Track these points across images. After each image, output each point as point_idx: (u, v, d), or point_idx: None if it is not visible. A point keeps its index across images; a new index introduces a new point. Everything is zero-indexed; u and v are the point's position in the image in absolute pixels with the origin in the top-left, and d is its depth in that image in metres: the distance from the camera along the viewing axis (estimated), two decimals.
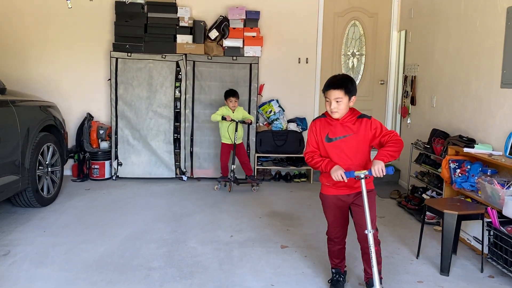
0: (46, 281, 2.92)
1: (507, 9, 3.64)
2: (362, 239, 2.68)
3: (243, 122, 5.21)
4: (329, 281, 2.93)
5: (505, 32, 3.66)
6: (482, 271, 3.24)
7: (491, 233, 3.19)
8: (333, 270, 2.94)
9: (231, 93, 5.22)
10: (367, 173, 2.50)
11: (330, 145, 2.64)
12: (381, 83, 6.31)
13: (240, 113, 5.30)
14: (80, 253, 3.38)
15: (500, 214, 3.17)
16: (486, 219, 3.25)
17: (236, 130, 5.20)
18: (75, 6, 5.71)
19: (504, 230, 3.08)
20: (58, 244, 3.54)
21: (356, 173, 2.51)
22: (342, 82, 2.58)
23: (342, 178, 2.50)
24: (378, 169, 2.44)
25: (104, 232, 3.84)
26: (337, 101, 2.56)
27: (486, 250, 3.29)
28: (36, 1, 5.75)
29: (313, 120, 2.77)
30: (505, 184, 3.26)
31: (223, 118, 5.12)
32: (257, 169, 5.88)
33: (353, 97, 2.60)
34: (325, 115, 2.70)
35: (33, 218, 4.12)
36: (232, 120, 5.16)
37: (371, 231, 2.49)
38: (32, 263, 3.18)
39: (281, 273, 3.14)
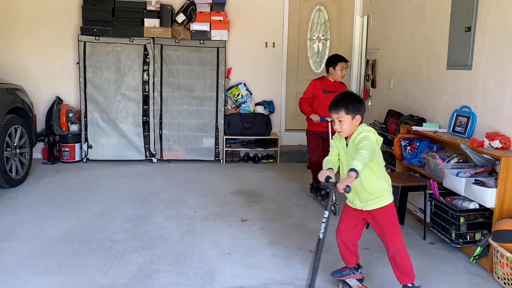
0: (11, 254, 3.06)
1: None
2: None
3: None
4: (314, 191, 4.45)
5: (450, 17, 3.89)
6: (424, 239, 3.51)
7: (433, 203, 3.45)
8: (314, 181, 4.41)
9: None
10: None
11: (326, 95, 4.19)
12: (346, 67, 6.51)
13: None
14: (47, 229, 3.52)
15: (441, 186, 3.43)
16: (428, 191, 3.52)
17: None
18: None
19: (443, 200, 3.34)
20: (25, 221, 3.66)
21: (327, 118, 4.01)
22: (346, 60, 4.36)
23: (318, 119, 4.11)
24: None
25: (71, 210, 3.97)
26: (344, 71, 4.29)
27: (428, 220, 3.56)
28: None
29: (314, 80, 4.39)
30: (446, 159, 3.53)
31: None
32: (226, 151, 6.06)
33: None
34: (322, 78, 4.35)
35: (1, 198, 4.22)
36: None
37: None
38: None
39: (239, 243, 3.35)
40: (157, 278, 2.77)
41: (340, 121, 2.42)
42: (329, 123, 4.05)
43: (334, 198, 2.46)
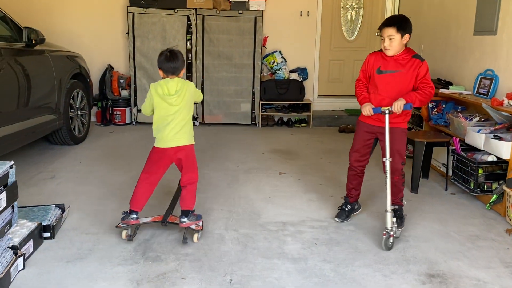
0: (89, 195, 3.64)
1: None
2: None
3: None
4: (338, 208, 3.27)
5: None
6: (446, 190, 3.89)
7: (455, 158, 3.81)
8: (344, 197, 3.25)
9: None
10: (390, 109, 2.75)
11: (380, 77, 2.88)
12: (377, 35, 6.76)
13: None
14: (113, 177, 4.09)
15: (463, 143, 3.77)
16: (451, 147, 3.87)
17: None
18: None
19: (464, 154, 3.69)
20: (93, 171, 4.25)
21: (382, 109, 2.77)
22: (394, 20, 2.80)
23: (370, 112, 2.83)
24: (397, 105, 2.71)
25: (130, 162, 4.54)
26: (390, 39, 2.76)
27: (450, 173, 3.92)
28: None
29: (370, 53, 3.01)
30: (469, 117, 3.84)
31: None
32: (261, 115, 6.49)
33: (406, 35, 2.78)
34: (380, 52, 2.92)
35: (69, 153, 4.83)
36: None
37: (388, 159, 2.79)
38: (75, 183, 3.91)
39: (278, 190, 3.83)
40: (211, 214, 3.29)
41: None
42: (386, 115, 2.79)
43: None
